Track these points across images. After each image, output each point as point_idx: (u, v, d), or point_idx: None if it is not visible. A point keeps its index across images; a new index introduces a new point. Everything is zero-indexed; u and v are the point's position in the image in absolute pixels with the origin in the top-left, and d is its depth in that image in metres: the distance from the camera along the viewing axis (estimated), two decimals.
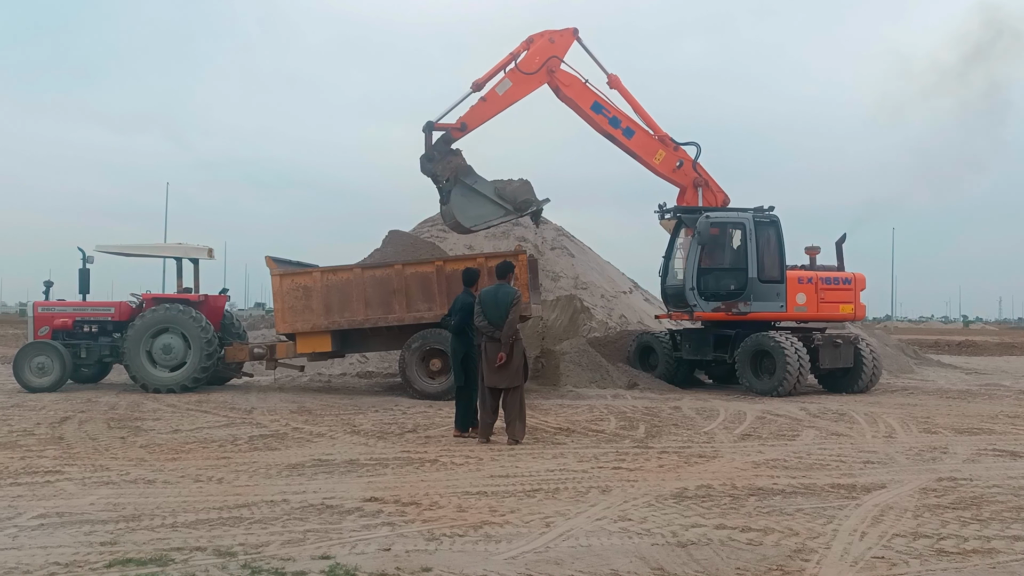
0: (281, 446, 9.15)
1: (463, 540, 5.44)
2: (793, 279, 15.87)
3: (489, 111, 15.88)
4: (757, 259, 15.67)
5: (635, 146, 16.39)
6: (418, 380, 14.09)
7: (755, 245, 15.68)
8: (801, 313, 15.89)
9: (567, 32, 16.15)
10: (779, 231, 16.01)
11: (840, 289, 16.16)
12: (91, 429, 10.26)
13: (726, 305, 15.76)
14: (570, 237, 25.66)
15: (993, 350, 34.34)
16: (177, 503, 6.40)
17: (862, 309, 16.58)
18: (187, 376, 14.58)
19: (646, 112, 16.64)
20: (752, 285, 15.63)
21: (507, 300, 9.46)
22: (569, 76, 16.07)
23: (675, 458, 8.59)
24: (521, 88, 15.91)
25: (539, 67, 15.85)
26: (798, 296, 15.79)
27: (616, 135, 16.37)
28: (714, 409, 12.80)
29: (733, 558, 5.13)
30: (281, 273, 14.61)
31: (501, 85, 15.74)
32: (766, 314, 15.82)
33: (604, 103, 16.27)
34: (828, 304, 15.99)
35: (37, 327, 15.35)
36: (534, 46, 15.99)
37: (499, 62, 15.96)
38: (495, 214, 16.03)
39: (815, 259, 16.56)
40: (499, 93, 15.79)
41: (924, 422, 11.61)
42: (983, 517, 6.20)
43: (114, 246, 15.86)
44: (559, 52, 16.01)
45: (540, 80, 16.01)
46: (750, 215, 15.93)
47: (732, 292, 15.76)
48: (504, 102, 15.86)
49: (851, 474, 7.83)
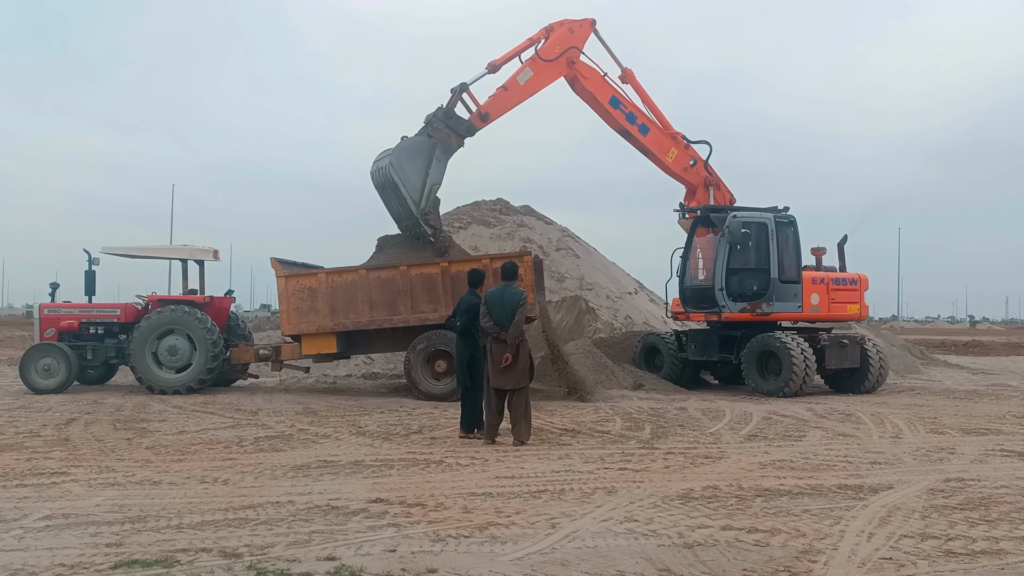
0: (286, 447, 9.15)
1: (469, 541, 5.43)
2: (808, 280, 15.91)
3: (511, 101, 15.53)
4: (778, 260, 15.68)
5: (650, 143, 16.22)
6: (423, 381, 14.09)
7: (776, 245, 15.68)
8: (815, 314, 15.94)
9: (585, 23, 15.86)
10: (796, 231, 16.01)
11: (848, 289, 16.30)
12: (97, 430, 10.28)
13: (751, 306, 15.72)
14: (575, 238, 25.65)
15: (1000, 350, 34.21)
16: (183, 504, 6.40)
17: (866, 309, 16.75)
18: (193, 377, 14.60)
19: (659, 109, 16.48)
20: (774, 286, 15.64)
21: (513, 301, 9.45)
22: (589, 68, 15.85)
23: (681, 459, 8.57)
24: (542, 78, 15.56)
25: (558, 55, 15.50)
26: (812, 296, 15.83)
27: (632, 131, 16.17)
28: (720, 410, 12.77)
29: (740, 559, 5.11)
30: (286, 275, 14.62)
31: (523, 75, 15.38)
32: (786, 315, 15.86)
33: (622, 98, 16.08)
34: (838, 304, 16.09)
35: (43, 329, 15.39)
36: (554, 35, 15.65)
37: (517, 46, 15.62)
38: (408, 192, 14.88)
39: (821, 260, 16.54)
40: (520, 83, 15.41)
41: (931, 422, 11.57)
42: (991, 518, 6.17)
43: (120, 248, 15.88)
44: (578, 43, 15.72)
45: (560, 70, 15.67)
46: (771, 215, 15.87)
47: (756, 293, 15.73)
48: (526, 92, 15.50)
49: (858, 475, 7.80)
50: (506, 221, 24.71)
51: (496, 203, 25.71)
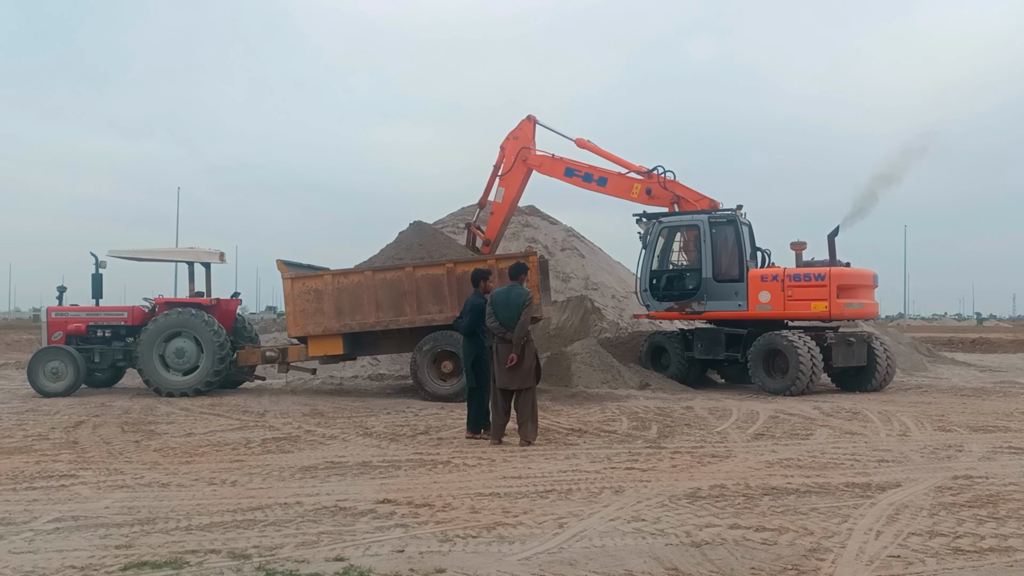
0: (294, 449, 9.17)
1: (476, 541, 5.44)
2: (755, 277, 15.76)
3: (499, 219, 17.98)
4: (712, 259, 15.95)
5: (610, 191, 17.67)
6: (430, 382, 14.11)
7: (710, 246, 15.97)
8: (766, 312, 15.66)
9: (525, 123, 17.90)
10: (738, 231, 16.03)
11: (811, 286, 15.35)
12: (105, 433, 10.32)
13: (679, 305, 16.24)
14: (580, 238, 25.66)
15: (1007, 347, 34.08)
16: (191, 506, 6.42)
17: (838, 307, 15.37)
18: (200, 380, 14.64)
19: (615, 156, 17.86)
20: (707, 285, 15.95)
21: (519, 301, 9.46)
22: (539, 158, 17.92)
23: (688, 458, 8.57)
24: (512, 187, 17.85)
25: (514, 163, 17.79)
26: (760, 295, 15.64)
27: (591, 187, 17.75)
28: (727, 409, 12.76)
29: (748, 558, 5.11)
30: (292, 276, 14.65)
31: (498, 195, 18.02)
32: (723, 313, 16.02)
33: (574, 165, 17.69)
34: (796, 302, 15.40)
35: (51, 332, 15.45)
36: (506, 151, 17.93)
37: (489, 177, 18.11)
38: None
39: (801, 255, 16.33)
40: (499, 201, 17.96)
41: (939, 420, 11.54)
42: (1000, 515, 6.16)
43: (126, 251, 15.93)
44: (526, 142, 17.90)
45: (520, 172, 17.84)
46: (705, 217, 16.15)
47: (687, 292, 16.21)
48: (506, 206, 17.99)
49: (866, 473, 7.78)
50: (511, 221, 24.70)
51: None
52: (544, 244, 23.57)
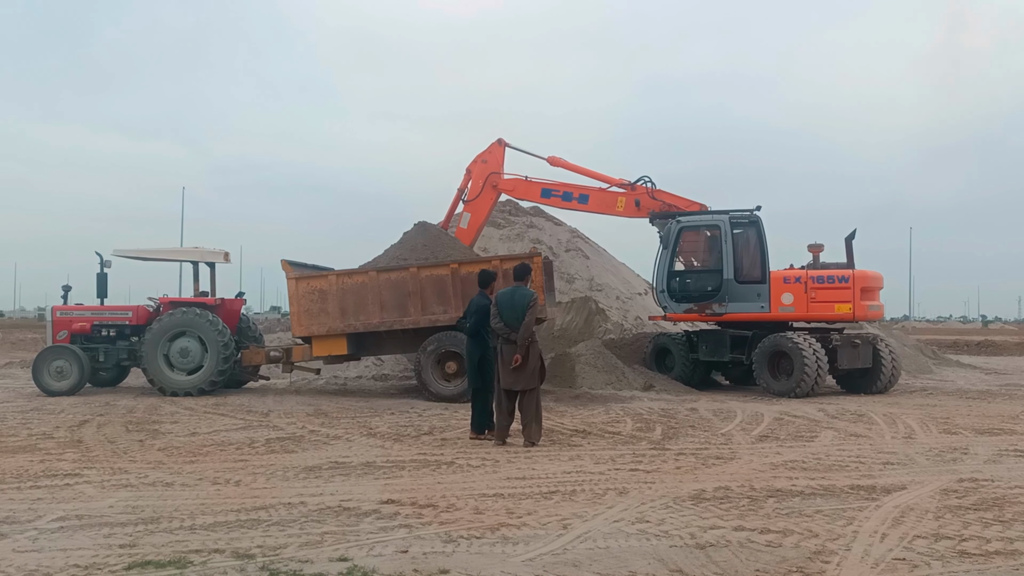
0: (298, 448, 9.17)
1: (480, 542, 5.43)
2: (778, 279, 15.70)
3: (465, 241, 17.27)
4: (733, 260, 15.78)
5: (593, 208, 17.43)
6: (434, 383, 14.10)
7: (731, 246, 15.79)
8: (789, 314, 15.63)
9: (495, 147, 17.56)
10: (760, 232, 15.92)
11: (835, 288, 15.43)
12: (109, 432, 10.33)
13: (699, 307, 15.99)
14: (585, 239, 25.62)
15: (1013, 350, 34.00)
16: (195, 505, 6.42)
17: (862, 308, 15.52)
18: (204, 379, 14.66)
19: (593, 172, 17.53)
20: (728, 286, 15.75)
21: (524, 302, 9.45)
22: (510, 182, 17.55)
23: (692, 460, 8.55)
24: (479, 214, 17.49)
25: (482, 188, 17.36)
26: (783, 296, 15.60)
27: (572, 206, 17.58)
28: (731, 410, 12.73)
29: (752, 560, 5.09)
30: (297, 276, 14.66)
31: (463, 220, 17.58)
32: (746, 315, 15.80)
33: (551, 186, 17.40)
34: (820, 304, 15.44)
35: (55, 331, 15.47)
36: (474, 175, 17.44)
37: (452, 200, 17.70)
38: None
39: (818, 257, 16.31)
40: (463, 228, 17.57)
41: (944, 423, 11.50)
42: (1005, 518, 6.13)
43: (131, 250, 15.96)
44: (495, 167, 17.46)
45: (489, 197, 17.57)
46: (725, 217, 15.98)
47: (707, 293, 15.95)
48: (471, 231, 17.54)
49: (871, 475, 7.76)
50: (515, 222, 24.72)
51: (505, 204, 25.65)
52: (548, 245, 23.55)
